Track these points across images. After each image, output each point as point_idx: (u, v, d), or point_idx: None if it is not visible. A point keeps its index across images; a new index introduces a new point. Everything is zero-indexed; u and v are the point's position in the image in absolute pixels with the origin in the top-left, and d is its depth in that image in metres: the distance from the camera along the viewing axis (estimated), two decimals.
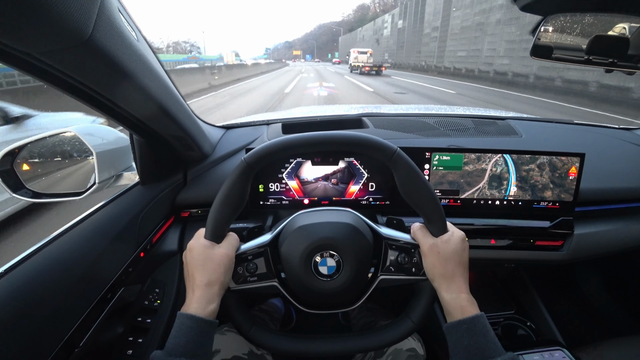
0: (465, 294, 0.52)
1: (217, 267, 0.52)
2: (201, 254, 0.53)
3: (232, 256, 0.54)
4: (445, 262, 0.53)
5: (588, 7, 0.74)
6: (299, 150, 0.54)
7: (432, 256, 0.54)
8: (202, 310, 0.49)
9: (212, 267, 0.52)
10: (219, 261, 0.52)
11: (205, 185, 0.89)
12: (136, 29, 0.52)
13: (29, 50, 0.38)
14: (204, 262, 0.52)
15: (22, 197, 0.69)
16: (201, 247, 0.53)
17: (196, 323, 0.48)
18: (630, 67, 0.73)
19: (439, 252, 0.54)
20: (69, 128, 0.72)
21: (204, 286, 0.51)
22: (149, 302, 0.78)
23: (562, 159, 0.84)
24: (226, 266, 0.53)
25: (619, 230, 0.95)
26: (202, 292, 0.51)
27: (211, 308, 0.50)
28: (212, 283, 0.51)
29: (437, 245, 0.54)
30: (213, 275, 0.52)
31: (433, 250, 0.54)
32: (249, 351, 0.73)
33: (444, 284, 0.53)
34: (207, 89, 13.78)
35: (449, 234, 0.55)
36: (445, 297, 0.53)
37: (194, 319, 0.48)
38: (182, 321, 0.48)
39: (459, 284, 0.53)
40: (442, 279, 0.53)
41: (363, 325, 0.96)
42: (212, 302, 0.51)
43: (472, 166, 0.85)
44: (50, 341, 0.51)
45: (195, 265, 0.52)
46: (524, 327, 1.08)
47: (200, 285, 0.51)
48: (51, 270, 0.55)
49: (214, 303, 0.51)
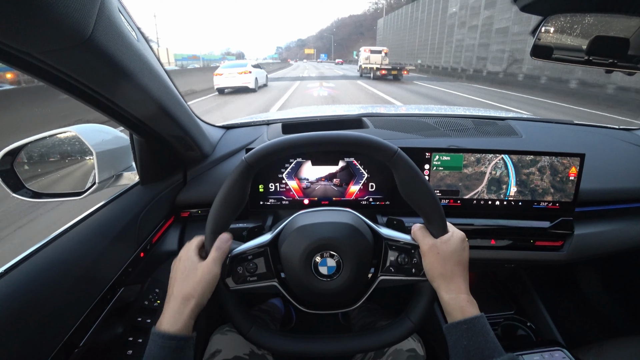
0: (464, 294, 0.52)
1: (197, 283, 0.50)
2: (186, 266, 0.52)
3: (217, 273, 0.52)
4: (445, 263, 0.53)
5: (588, 7, 0.74)
6: (300, 150, 0.54)
7: (431, 256, 0.54)
8: (174, 325, 0.48)
9: (193, 282, 0.51)
10: (201, 277, 0.51)
11: (205, 185, 0.89)
12: (136, 29, 0.52)
13: (29, 50, 0.38)
14: (187, 275, 0.51)
15: (22, 196, 0.69)
16: (188, 260, 0.53)
17: (168, 342, 0.47)
18: (630, 67, 0.73)
19: (438, 252, 0.53)
20: (69, 128, 0.72)
21: (180, 299, 0.50)
22: (149, 302, 0.78)
23: (563, 162, 0.84)
24: (207, 283, 0.51)
25: (619, 230, 0.95)
26: (177, 306, 0.49)
27: (184, 323, 0.49)
28: (189, 297, 0.50)
29: (437, 246, 0.54)
30: (191, 290, 0.50)
31: (432, 250, 0.54)
32: (250, 351, 0.73)
33: (443, 284, 0.53)
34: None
35: (448, 235, 0.55)
36: (444, 297, 0.53)
37: (166, 337, 0.47)
38: (154, 340, 0.47)
39: (459, 284, 0.53)
40: (441, 279, 0.53)
41: (363, 326, 0.95)
42: (185, 317, 0.49)
43: (471, 169, 0.85)
44: (51, 341, 0.51)
45: (177, 276, 0.52)
46: (524, 328, 1.08)
47: (176, 297, 0.50)
48: (51, 270, 0.55)
49: (188, 318, 0.49)
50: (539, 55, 0.82)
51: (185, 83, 12.50)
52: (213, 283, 0.52)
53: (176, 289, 0.51)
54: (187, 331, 0.49)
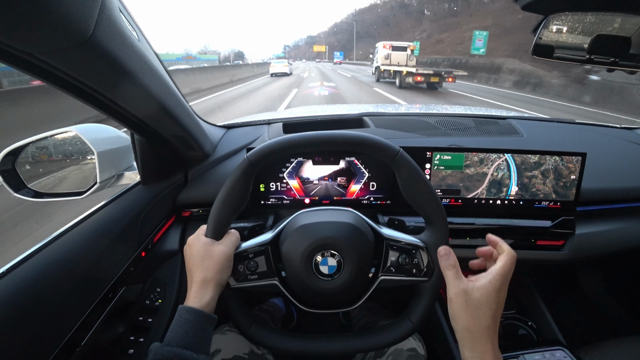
0: (490, 355, 0.45)
1: (214, 265, 0.52)
2: (200, 250, 0.53)
3: (231, 254, 0.54)
4: (474, 315, 0.45)
5: (589, 6, 0.74)
6: (301, 149, 0.54)
7: (458, 304, 0.46)
8: (198, 303, 0.50)
9: (209, 265, 0.52)
10: (217, 259, 0.52)
11: (206, 185, 0.89)
12: (137, 29, 0.53)
13: (30, 50, 0.38)
14: (202, 259, 0.52)
15: (24, 196, 0.70)
16: (200, 244, 0.54)
17: (194, 315, 0.48)
18: (631, 66, 0.73)
19: (466, 300, 0.46)
20: (70, 128, 0.72)
21: (200, 283, 0.51)
22: (150, 301, 0.78)
23: (568, 165, 0.83)
24: (223, 264, 0.53)
25: (621, 230, 0.95)
26: (199, 290, 0.51)
27: (207, 303, 0.51)
28: (208, 281, 0.52)
29: (467, 293, 0.46)
30: (209, 272, 0.52)
31: (460, 297, 0.47)
32: (250, 351, 0.73)
33: (468, 339, 0.46)
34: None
35: (484, 275, 0.47)
36: (466, 355, 0.46)
37: (192, 311, 0.49)
38: (181, 314, 0.49)
39: (485, 344, 0.45)
40: (466, 333, 0.46)
41: (364, 325, 0.95)
42: (208, 297, 0.51)
43: (473, 169, 0.84)
44: (52, 340, 0.51)
45: (193, 261, 0.53)
46: (525, 327, 1.08)
47: (197, 282, 0.52)
48: (53, 270, 0.55)
49: (211, 299, 0.51)
50: (540, 54, 0.82)
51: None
52: (229, 264, 0.54)
53: (196, 275, 0.52)
54: (211, 310, 0.51)
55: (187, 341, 0.46)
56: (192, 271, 0.53)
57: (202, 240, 0.54)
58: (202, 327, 0.49)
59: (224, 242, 0.55)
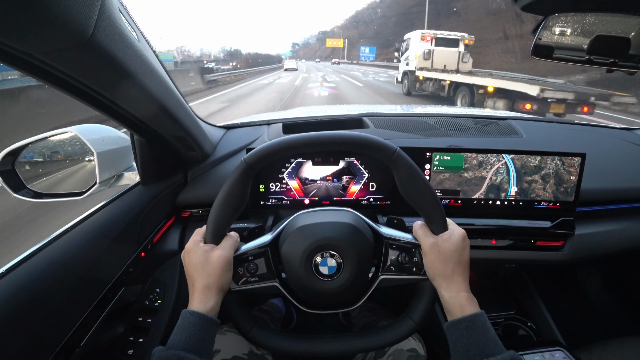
0: (464, 292, 0.52)
1: (214, 271, 0.52)
2: (199, 257, 0.53)
3: (230, 257, 0.54)
4: (445, 261, 0.53)
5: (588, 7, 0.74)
6: (300, 150, 0.54)
7: (432, 255, 0.54)
8: (203, 308, 0.50)
9: (210, 271, 0.52)
10: (217, 264, 0.52)
11: (205, 185, 0.89)
12: (137, 29, 0.53)
13: (30, 50, 0.38)
14: (202, 265, 0.52)
15: (24, 197, 0.70)
16: (200, 251, 0.53)
17: (198, 319, 0.49)
18: (631, 67, 0.73)
19: (439, 250, 0.53)
20: (69, 128, 0.72)
21: (202, 289, 0.51)
22: (150, 302, 0.78)
23: (570, 170, 0.83)
24: (224, 268, 0.53)
25: (620, 230, 0.95)
26: (201, 296, 0.51)
27: (212, 308, 0.51)
28: (210, 286, 0.52)
29: (438, 244, 0.54)
30: (211, 278, 0.52)
31: (433, 248, 0.54)
32: (249, 351, 0.73)
33: (443, 282, 0.53)
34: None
35: (449, 232, 0.55)
36: (445, 295, 0.53)
37: (196, 315, 0.49)
38: (185, 317, 0.49)
39: (459, 283, 0.53)
40: (442, 278, 0.53)
41: (364, 325, 0.95)
42: (212, 303, 0.51)
43: (472, 172, 0.84)
44: (51, 341, 0.51)
45: (193, 268, 0.53)
46: (525, 328, 1.08)
47: (199, 288, 0.51)
48: (52, 270, 0.55)
49: (215, 304, 0.52)
50: (540, 55, 0.82)
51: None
52: (229, 268, 0.54)
53: (197, 282, 0.52)
54: (214, 315, 0.51)
55: (190, 344, 0.46)
56: (193, 278, 0.53)
57: (201, 247, 0.54)
58: (206, 331, 0.49)
59: (222, 246, 0.54)
